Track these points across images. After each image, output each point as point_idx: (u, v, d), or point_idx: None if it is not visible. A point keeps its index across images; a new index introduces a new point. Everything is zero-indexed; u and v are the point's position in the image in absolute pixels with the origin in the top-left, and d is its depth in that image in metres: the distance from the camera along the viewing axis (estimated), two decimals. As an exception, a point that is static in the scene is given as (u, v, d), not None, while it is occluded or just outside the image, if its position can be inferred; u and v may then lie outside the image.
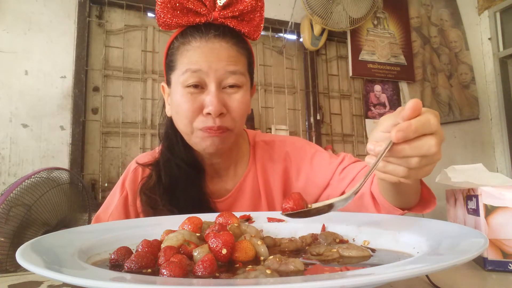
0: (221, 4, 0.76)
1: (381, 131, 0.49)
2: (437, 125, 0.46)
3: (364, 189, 0.76)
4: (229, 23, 0.77)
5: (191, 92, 0.73)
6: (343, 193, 0.81)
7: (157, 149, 0.88)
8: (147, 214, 0.78)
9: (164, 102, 0.86)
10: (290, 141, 0.93)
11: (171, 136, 0.83)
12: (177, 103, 0.75)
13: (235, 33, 0.78)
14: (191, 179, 0.81)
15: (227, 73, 0.73)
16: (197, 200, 0.79)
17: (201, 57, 0.73)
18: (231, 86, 0.75)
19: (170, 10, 0.75)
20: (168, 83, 0.81)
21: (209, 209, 0.80)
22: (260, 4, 0.80)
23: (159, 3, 0.75)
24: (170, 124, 0.84)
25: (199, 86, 0.73)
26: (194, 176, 0.81)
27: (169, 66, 0.79)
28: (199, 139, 0.76)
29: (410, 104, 0.45)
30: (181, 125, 0.77)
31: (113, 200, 0.84)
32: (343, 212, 0.67)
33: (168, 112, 0.83)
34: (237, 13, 0.77)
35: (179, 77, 0.75)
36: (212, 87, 0.72)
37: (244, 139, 0.92)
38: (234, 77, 0.74)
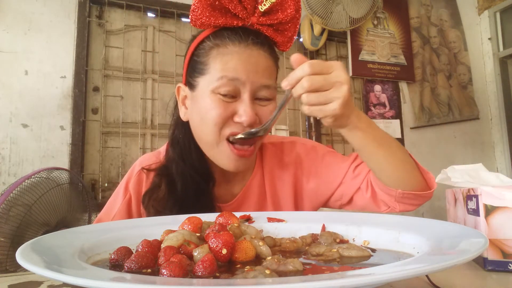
0: (262, 10, 0.73)
1: None
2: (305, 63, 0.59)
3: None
4: (264, 31, 0.74)
5: (223, 99, 0.70)
6: (358, 189, 0.81)
7: (161, 149, 0.86)
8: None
9: (176, 103, 0.82)
10: (300, 142, 0.91)
11: (184, 142, 0.79)
12: (206, 109, 0.71)
13: (271, 43, 0.76)
14: (202, 189, 0.78)
15: (262, 86, 0.72)
16: (204, 206, 0.77)
17: (239, 64, 0.70)
18: (264, 99, 0.73)
19: (209, 8, 0.70)
20: (191, 85, 0.76)
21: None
22: (297, 15, 0.77)
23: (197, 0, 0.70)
24: (182, 128, 0.80)
25: (231, 95, 0.71)
26: (204, 185, 0.79)
27: (197, 68, 0.74)
28: (223, 153, 0.73)
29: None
30: (207, 131, 0.72)
31: (115, 203, 0.81)
32: (343, 212, 0.67)
33: (184, 116, 0.79)
34: (275, 21, 0.74)
35: (211, 82, 0.70)
36: (246, 97, 0.70)
37: None
38: (268, 91, 0.73)
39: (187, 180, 0.77)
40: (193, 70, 0.75)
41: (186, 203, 0.75)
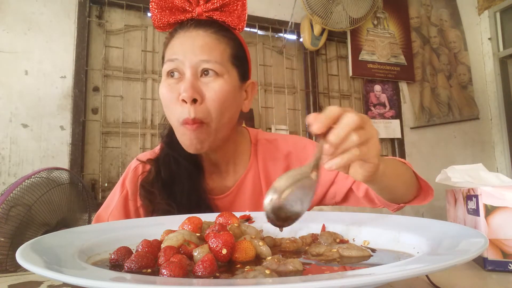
0: None
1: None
2: (342, 109, 0.48)
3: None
4: (214, 16, 0.78)
5: (170, 82, 0.75)
6: (349, 189, 0.82)
7: (157, 148, 0.89)
8: (146, 208, 0.78)
9: None
10: (293, 140, 0.93)
11: (172, 133, 0.83)
12: (161, 94, 0.76)
13: (216, 23, 0.78)
14: (189, 174, 0.81)
15: (201, 61, 0.73)
16: (195, 196, 0.79)
17: (177, 45, 0.75)
18: (207, 74, 0.74)
19: (159, 9, 0.78)
20: None
21: (208, 205, 0.80)
22: None
23: (151, 4, 0.78)
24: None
25: (178, 75, 0.74)
26: (192, 171, 0.82)
27: (162, 64, 0.81)
28: (180, 135, 0.76)
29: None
30: (168, 117, 0.77)
31: (113, 199, 0.84)
32: (343, 212, 0.67)
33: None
34: (218, 5, 0.78)
35: (163, 69, 0.77)
36: (188, 74, 0.73)
37: (244, 136, 0.91)
38: (209, 64, 0.74)
39: (170, 163, 0.81)
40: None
41: (175, 187, 0.79)
